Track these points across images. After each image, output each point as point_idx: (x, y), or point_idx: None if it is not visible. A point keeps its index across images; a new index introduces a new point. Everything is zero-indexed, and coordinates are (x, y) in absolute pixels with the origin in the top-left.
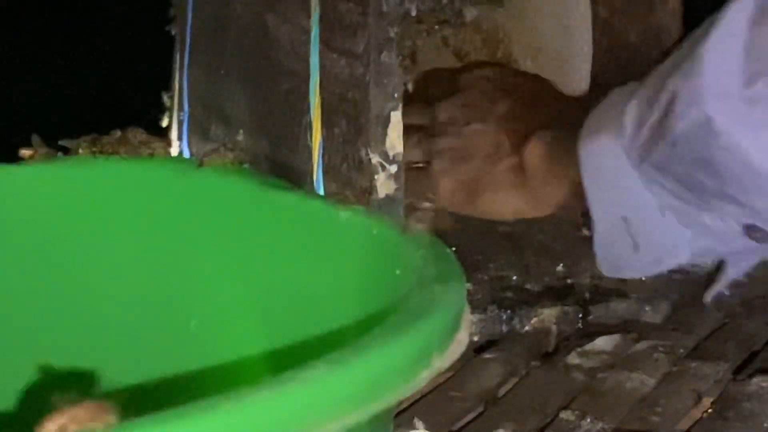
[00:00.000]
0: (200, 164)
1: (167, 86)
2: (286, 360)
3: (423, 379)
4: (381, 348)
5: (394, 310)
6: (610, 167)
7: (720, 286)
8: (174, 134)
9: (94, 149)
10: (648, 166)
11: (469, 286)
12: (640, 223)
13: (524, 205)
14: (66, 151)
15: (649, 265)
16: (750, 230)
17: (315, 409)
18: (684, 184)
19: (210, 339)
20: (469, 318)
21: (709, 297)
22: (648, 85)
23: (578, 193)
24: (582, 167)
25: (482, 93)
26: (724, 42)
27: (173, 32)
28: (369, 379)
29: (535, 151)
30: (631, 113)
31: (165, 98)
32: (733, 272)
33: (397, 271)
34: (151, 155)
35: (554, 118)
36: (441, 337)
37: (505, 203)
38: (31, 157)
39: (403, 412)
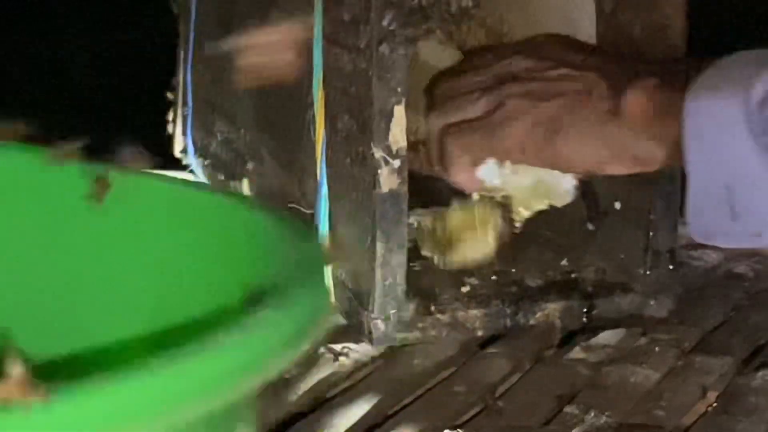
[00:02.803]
0: None
1: (169, 84)
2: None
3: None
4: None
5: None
6: (722, 130)
7: None
8: (178, 129)
9: None
10: None
11: (473, 280)
12: (746, 193)
13: (608, 155)
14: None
15: (748, 237)
16: None
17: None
18: None
19: (94, 324)
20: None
21: None
22: None
23: (675, 153)
24: (685, 125)
25: (565, 45)
26: None
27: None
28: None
29: (637, 99)
30: (765, 80)
31: (168, 95)
32: None
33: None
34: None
35: (647, 73)
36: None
37: (589, 148)
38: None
39: (407, 407)
